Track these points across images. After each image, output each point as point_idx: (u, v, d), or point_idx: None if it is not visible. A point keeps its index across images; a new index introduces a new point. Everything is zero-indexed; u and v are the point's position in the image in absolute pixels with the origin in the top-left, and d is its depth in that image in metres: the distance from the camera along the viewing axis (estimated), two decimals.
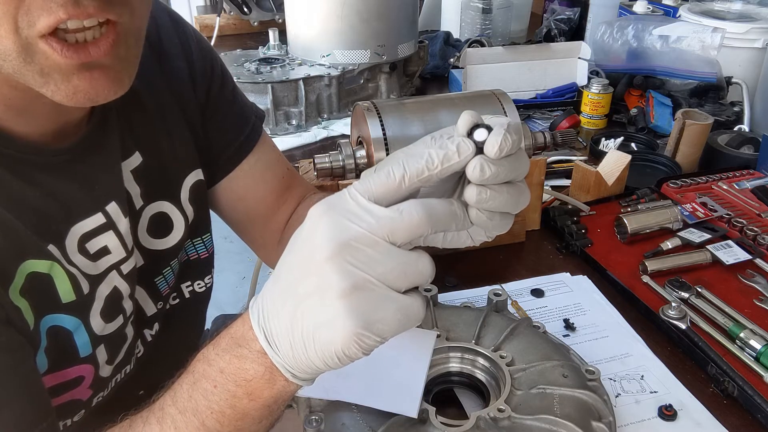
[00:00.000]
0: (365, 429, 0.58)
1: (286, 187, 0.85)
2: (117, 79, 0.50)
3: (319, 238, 0.41)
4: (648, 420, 0.67)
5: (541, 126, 1.42)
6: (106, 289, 0.62)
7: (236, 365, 0.46)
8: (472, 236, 0.48)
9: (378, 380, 0.63)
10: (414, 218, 0.41)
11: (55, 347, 0.57)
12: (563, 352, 0.69)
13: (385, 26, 1.42)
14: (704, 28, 1.41)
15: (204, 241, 0.78)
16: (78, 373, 0.60)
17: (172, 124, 0.71)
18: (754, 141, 1.20)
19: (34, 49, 0.45)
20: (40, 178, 0.56)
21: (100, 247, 0.61)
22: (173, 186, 0.72)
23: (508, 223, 0.46)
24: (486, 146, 0.42)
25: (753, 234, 0.94)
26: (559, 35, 1.83)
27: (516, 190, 0.45)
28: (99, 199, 0.61)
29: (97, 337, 0.61)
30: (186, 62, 0.73)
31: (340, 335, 0.40)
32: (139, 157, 0.66)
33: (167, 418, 0.49)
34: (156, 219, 0.70)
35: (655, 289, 0.85)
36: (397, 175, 0.42)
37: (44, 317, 0.56)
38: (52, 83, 0.47)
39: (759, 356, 0.72)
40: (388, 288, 0.41)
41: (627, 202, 1.03)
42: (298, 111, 1.39)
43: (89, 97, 0.49)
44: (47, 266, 0.55)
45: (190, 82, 0.73)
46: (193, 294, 0.79)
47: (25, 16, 0.43)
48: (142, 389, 0.75)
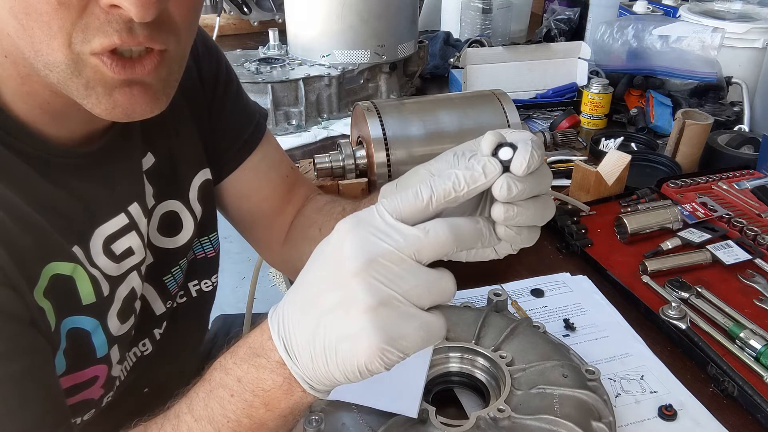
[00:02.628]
0: (365, 429, 0.58)
1: (291, 186, 0.85)
2: (155, 98, 0.51)
3: (348, 252, 0.42)
4: (648, 420, 0.67)
5: (541, 126, 1.42)
6: (125, 290, 0.63)
7: (254, 375, 0.46)
8: (497, 250, 0.50)
9: (378, 380, 0.62)
10: (440, 238, 0.42)
11: (74, 348, 0.57)
12: (563, 352, 0.69)
13: (385, 26, 1.42)
14: (704, 28, 1.41)
15: (211, 239, 0.79)
16: (93, 374, 0.61)
17: (181, 123, 0.72)
18: (754, 141, 1.20)
19: (85, 64, 0.47)
20: (67, 180, 0.57)
21: (125, 249, 0.62)
22: (183, 185, 0.72)
23: (536, 235, 0.48)
24: (513, 165, 0.43)
25: (753, 234, 0.94)
26: (559, 35, 1.83)
27: (542, 203, 0.46)
28: (121, 201, 0.62)
29: (113, 337, 0.62)
30: (193, 60, 0.74)
31: (364, 349, 0.41)
32: (152, 158, 0.67)
33: (182, 425, 0.49)
34: (166, 218, 0.70)
35: (655, 289, 0.85)
36: (425, 196, 0.43)
37: (65, 319, 0.56)
38: (94, 96, 0.49)
39: (759, 356, 0.72)
40: (412, 305, 0.42)
41: (627, 202, 1.03)
42: (298, 111, 1.39)
43: (127, 112, 0.50)
44: (70, 268, 0.56)
45: (198, 80, 0.74)
46: (199, 293, 0.80)
47: (81, 33, 0.45)
48: (147, 387, 0.75)
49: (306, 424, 0.58)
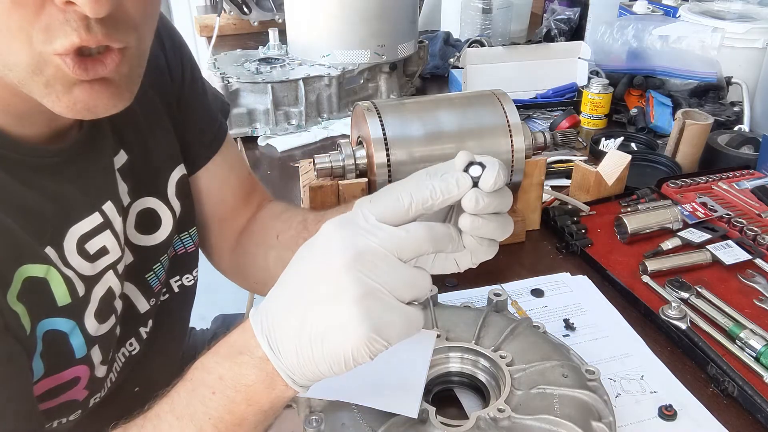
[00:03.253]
0: (365, 429, 0.58)
1: (248, 191, 0.84)
2: (117, 93, 0.51)
3: (336, 248, 0.45)
4: (648, 420, 0.67)
5: (541, 126, 1.42)
6: (101, 289, 0.62)
7: (236, 371, 0.48)
8: (459, 263, 0.53)
9: (378, 380, 0.63)
10: (420, 237, 0.46)
11: (51, 350, 0.57)
12: (563, 352, 0.69)
13: (385, 26, 1.42)
14: (704, 28, 1.41)
15: (191, 234, 0.78)
16: (74, 375, 0.60)
17: (156, 119, 0.71)
18: (754, 141, 1.20)
19: (47, 63, 0.46)
20: (37, 180, 0.56)
21: (99, 248, 0.61)
22: (160, 182, 0.72)
23: (494, 249, 0.52)
24: (482, 181, 0.48)
25: (753, 234, 0.94)
26: (559, 35, 1.83)
27: (502, 220, 0.51)
28: (95, 199, 0.61)
29: (92, 338, 0.61)
30: (162, 52, 0.73)
31: (352, 338, 0.44)
32: (125, 155, 0.67)
33: (163, 424, 0.49)
34: (143, 215, 0.70)
35: (655, 289, 0.85)
36: (405, 202, 0.47)
37: (40, 321, 0.55)
38: (54, 94, 0.48)
39: (759, 356, 0.72)
40: (394, 298, 0.45)
41: (627, 202, 1.03)
42: (298, 111, 1.39)
43: (88, 108, 0.50)
44: (43, 270, 0.55)
45: (168, 75, 0.74)
46: (181, 288, 0.79)
47: (42, 34, 0.45)
48: (138, 386, 0.75)
49: (306, 424, 0.58)
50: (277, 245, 0.78)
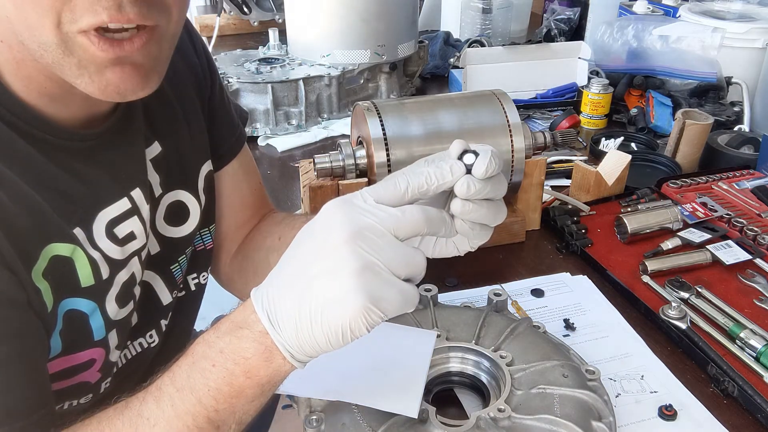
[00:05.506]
0: (365, 429, 0.58)
1: (256, 200, 0.85)
2: (146, 76, 0.52)
3: (336, 224, 0.47)
4: (648, 420, 0.67)
5: (541, 126, 1.42)
6: (125, 275, 0.63)
7: (236, 345, 0.49)
8: (458, 246, 0.57)
9: (378, 380, 0.63)
10: (415, 218, 0.48)
11: (71, 330, 0.58)
12: (563, 352, 0.69)
13: (385, 26, 1.42)
14: (704, 28, 1.41)
15: (210, 231, 0.79)
16: (90, 356, 0.61)
17: (191, 114, 0.73)
18: (754, 141, 1.20)
19: (74, 43, 0.48)
20: (69, 162, 0.57)
21: (128, 233, 0.63)
22: (191, 175, 0.73)
23: (488, 234, 0.55)
24: (474, 168, 0.51)
25: (753, 234, 0.94)
26: (559, 35, 1.83)
27: (494, 206, 0.53)
28: (124, 185, 0.63)
29: (111, 321, 0.62)
30: (197, 58, 0.76)
31: (350, 309, 0.45)
32: (159, 147, 0.68)
33: (164, 396, 0.51)
34: (173, 207, 0.71)
35: (655, 289, 0.85)
36: (402, 186, 0.49)
37: (63, 300, 0.57)
38: (86, 75, 0.50)
39: (759, 356, 0.72)
40: (391, 273, 0.47)
41: (627, 202, 1.03)
42: (298, 111, 1.39)
43: (119, 91, 0.51)
44: (69, 250, 0.56)
45: (203, 77, 0.76)
46: (197, 286, 0.80)
47: (69, 13, 0.46)
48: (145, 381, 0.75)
49: (306, 424, 0.58)
50: (279, 247, 0.79)
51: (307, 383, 0.63)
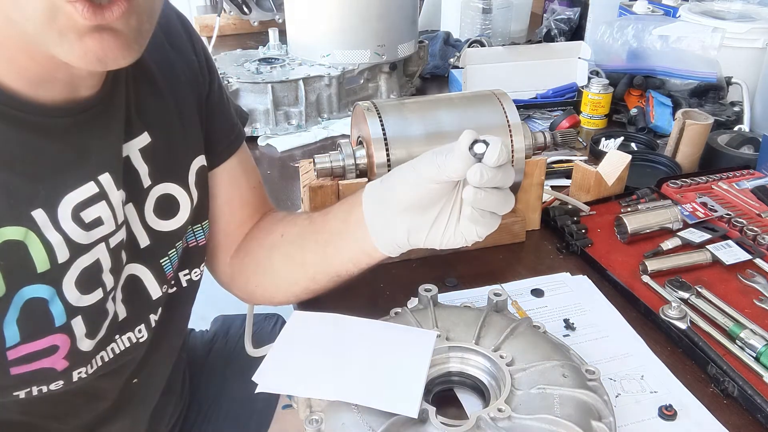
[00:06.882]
0: (365, 429, 0.58)
1: (255, 198, 0.85)
2: (126, 45, 0.52)
3: None
4: (648, 420, 0.67)
5: (541, 126, 1.42)
6: (88, 260, 0.62)
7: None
8: (465, 235, 0.61)
9: (378, 380, 0.63)
10: None
11: (29, 318, 0.57)
12: (563, 352, 0.69)
13: (385, 26, 1.42)
14: (704, 28, 1.41)
15: (203, 227, 0.79)
16: (51, 343, 0.60)
17: (185, 106, 0.73)
18: (754, 141, 1.20)
19: (59, 10, 0.48)
20: (40, 141, 0.57)
21: (95, 218, 0.62)
22: (182, 168, 0.73)
23: (496, 222, 0.59)
24: (486, 156, 0.55)
25: (753, 234, 0.94)
26: (559, 35, 1.83)
27: (503, 194, 0.57)
28: (92, 169, 0.62)
29: (73, 307, 0.61)
30: (195, 56, 0.76)
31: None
32: (148, 137, 0.68)
33: None
34: (163, 200, 0.71)
35: (655, 289, 0.85)
36: None
37: (20, 289, 0.56)
38: (66, 43, 0.50)
39: (759, 356, 0.72)
40: None
41: (627, 202, 1.03)
42: (298, 111, 1.39)
43: (99, 58, 0.51)
44: (22, 233, 0.56)
45: (200, 75, 0.76)
46: (189, 282, 0.79)
47: None
48: (136, 378, 0.75)
49: (306, 424, 0.58)
50: (281, 244, 0.79)
51: (307, 383, 0.63)
